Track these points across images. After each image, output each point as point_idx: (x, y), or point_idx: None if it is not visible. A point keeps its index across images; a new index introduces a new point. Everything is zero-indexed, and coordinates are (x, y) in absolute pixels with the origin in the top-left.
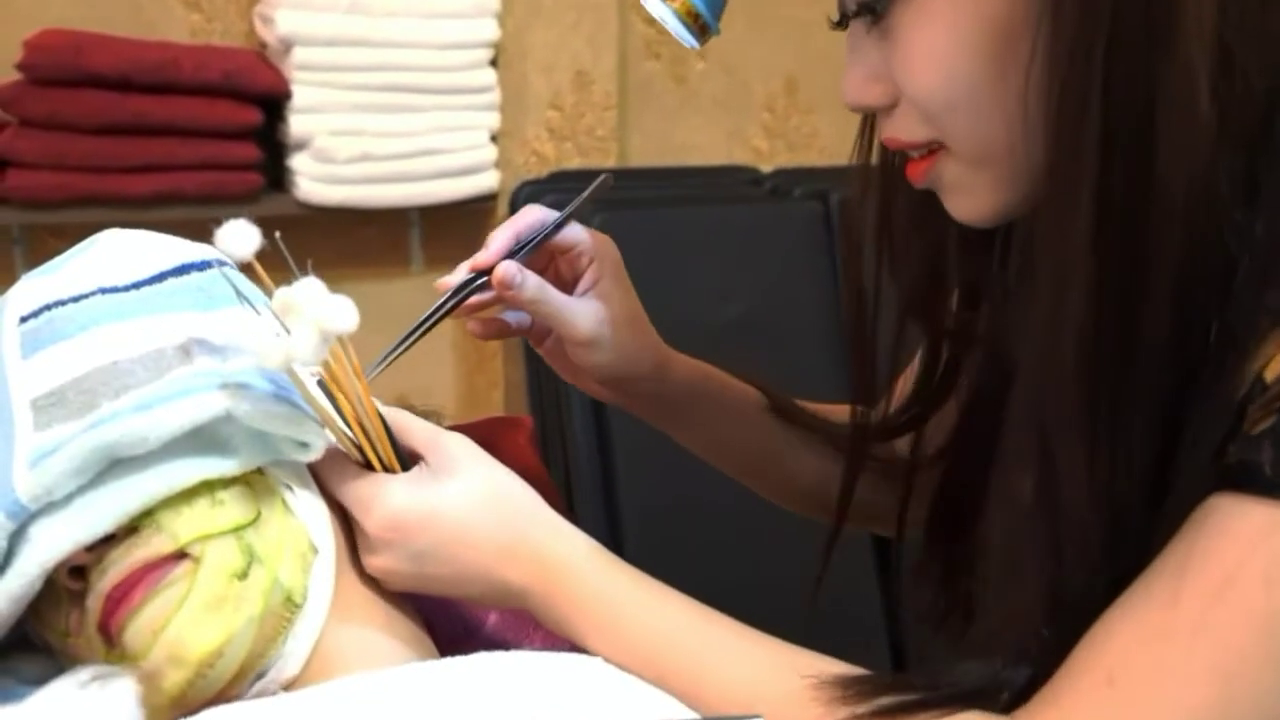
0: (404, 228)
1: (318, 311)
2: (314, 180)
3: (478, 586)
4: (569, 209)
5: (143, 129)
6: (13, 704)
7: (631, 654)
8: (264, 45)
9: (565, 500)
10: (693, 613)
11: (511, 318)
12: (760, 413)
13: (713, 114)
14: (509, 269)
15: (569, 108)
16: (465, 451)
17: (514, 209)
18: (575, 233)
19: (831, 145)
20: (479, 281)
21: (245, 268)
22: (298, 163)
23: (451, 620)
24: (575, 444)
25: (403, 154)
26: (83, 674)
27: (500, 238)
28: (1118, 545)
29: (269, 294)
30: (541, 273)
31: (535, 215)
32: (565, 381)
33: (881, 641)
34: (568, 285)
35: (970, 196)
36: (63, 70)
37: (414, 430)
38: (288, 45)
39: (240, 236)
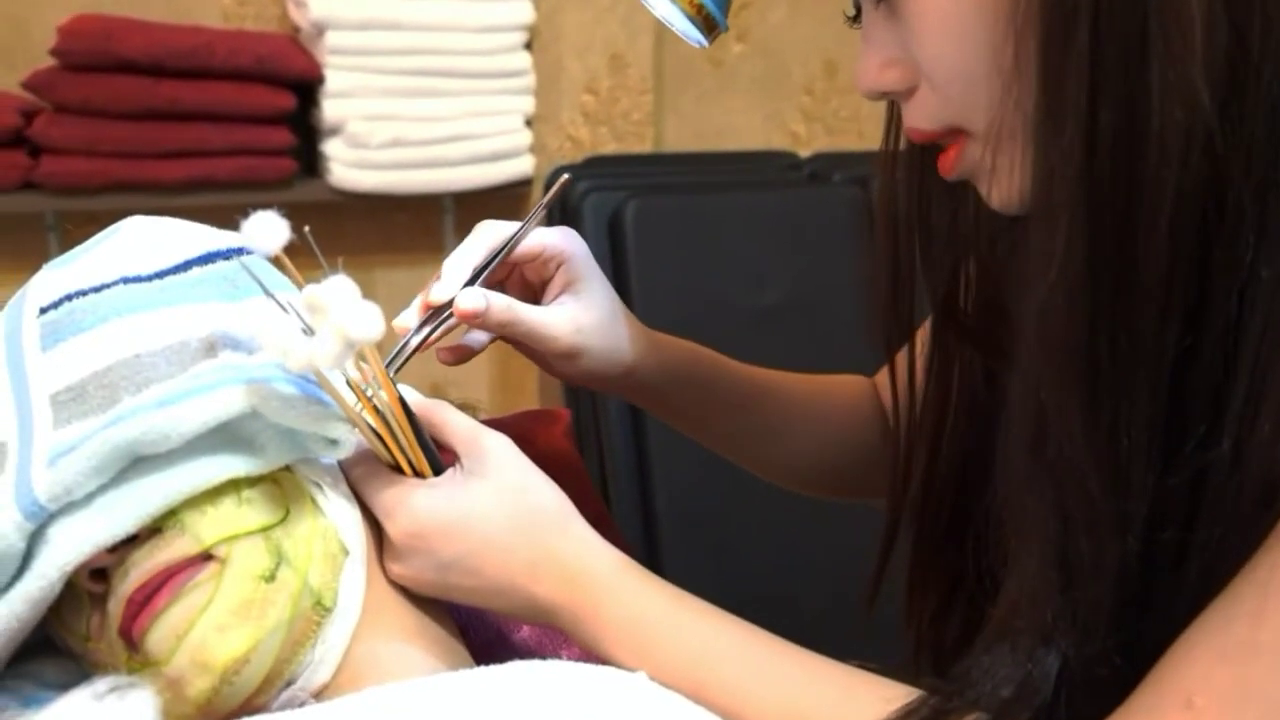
0: (437, 213)
1: (343, 318)
2: (347, 166)
3: (505, 600)
4: (527, 221)
5: (176, 114)
6: (31, 710)
7: (667, 675)
8: (297, 29)
9: (600, 490)
10: (729, 631)
11: (477, 338)
12: (751, 390)
13: (750, 97)
14: (471, 300)
15: (604, 91)
16: (501, 454)
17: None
18: (538, 238)
19: (871, 129)
20: (445, 315)
21: (274, 260)
22: (331, 148)
23: (485, 625)
24: (610, 429)
25: (436, 139)
26: (100, 685)
27: (454, 266)
28: (1124, 507)
29: (299, 287)
30: (504, 283)
31: (491, 232)
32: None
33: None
34: (536, 291)
35: (998, 182)
36: (96, 56)
37: (452, 427)
38: (321, 29)
39: (268, 229)
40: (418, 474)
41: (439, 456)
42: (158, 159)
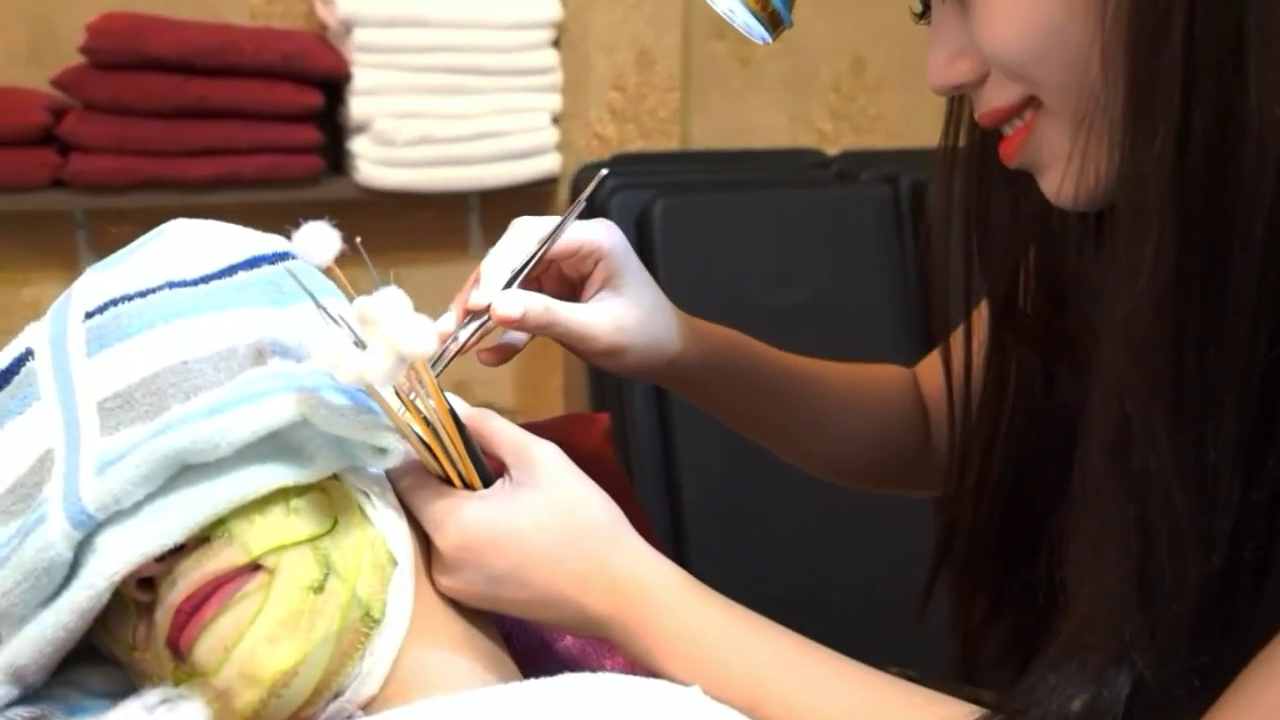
0: (463, 211)
1: (395, 332)
2: (374, 163)
3: (554, 612)
4: (565, 217)
5: (204, 112)
6: (86, 717)
7: (721, 690)
8: (324, 27)
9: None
10: (785, 645)
11: (518, 336)
12: (791, 379)
13: (777, 95)
14: (509, 306)
15: (631, 89)
16: (551, 464)
17: (575, 193)
18: (576, 233)
19: (898, 127)
20: (484, 320)
21: (324, 269)
22: (358, 146)
23: (528, 633)
24: (636, 428)
25: (463, 136)
26: (150, 697)
27: (492, 268)
28: (1208, 523)
29: (349, 299)
30: (541, 279)
31: (528, 231)
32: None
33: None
34: (574, 286)
35: (1067, 168)
36: (124, 54)
37: (500, 437)
38: (348, 26)
39: (319, 239)
40: (466, 485)
41: (488, 467)
42: (186, 157)
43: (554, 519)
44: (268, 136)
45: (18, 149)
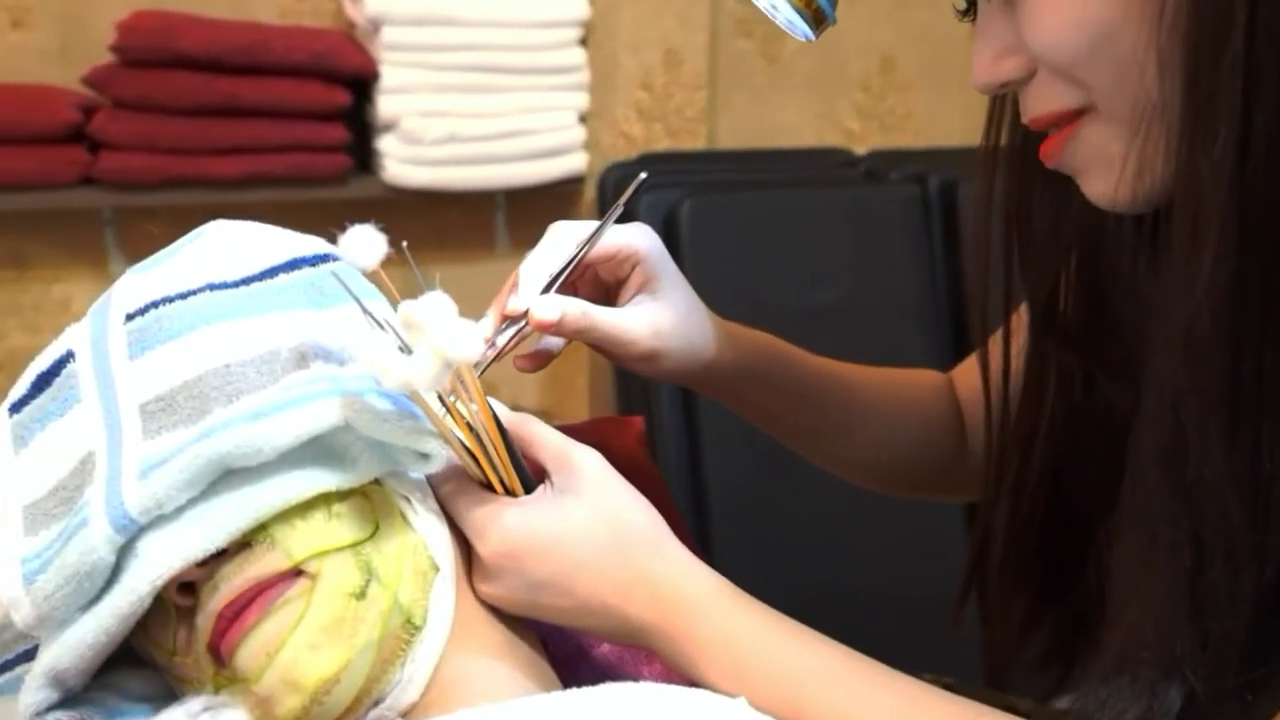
0: (489, 210)
1: (442, 338)
2: (401, 162)
3: (596, 620)
4: (603, 222)
5: (232, 110)
6: None
7: (764, 699)
8: (352, 25)
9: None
10: (827, 655)
11: (554, 340)
12: (825, 383)
13: (804, 94)
14: (547, 310)
15: (659, 88)
16: (593, 471)
17: (601, 192)
18: (614, 238)
19: (926, 127)
20: (522, 326)
21: (369, 273)
22: (385, 144)
23: (565, 639)
24: (663, 430)
25: (490, 135)
26: (193, 704)
27: (530, 273)
28: (1263, 536)
29: (393, 303)
30: (576, 285)
31: (566, 235)
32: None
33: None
34: (610, 290)
35: (1112, 168)
36: (154, 52)
37: (543, 443)
38: (377, 25)
39: (364, 243)
40: (508, 491)
41: (529, 474)
42: (214, 155)
43: (596, 526)
44: (296, 135)
45: (48, 146)
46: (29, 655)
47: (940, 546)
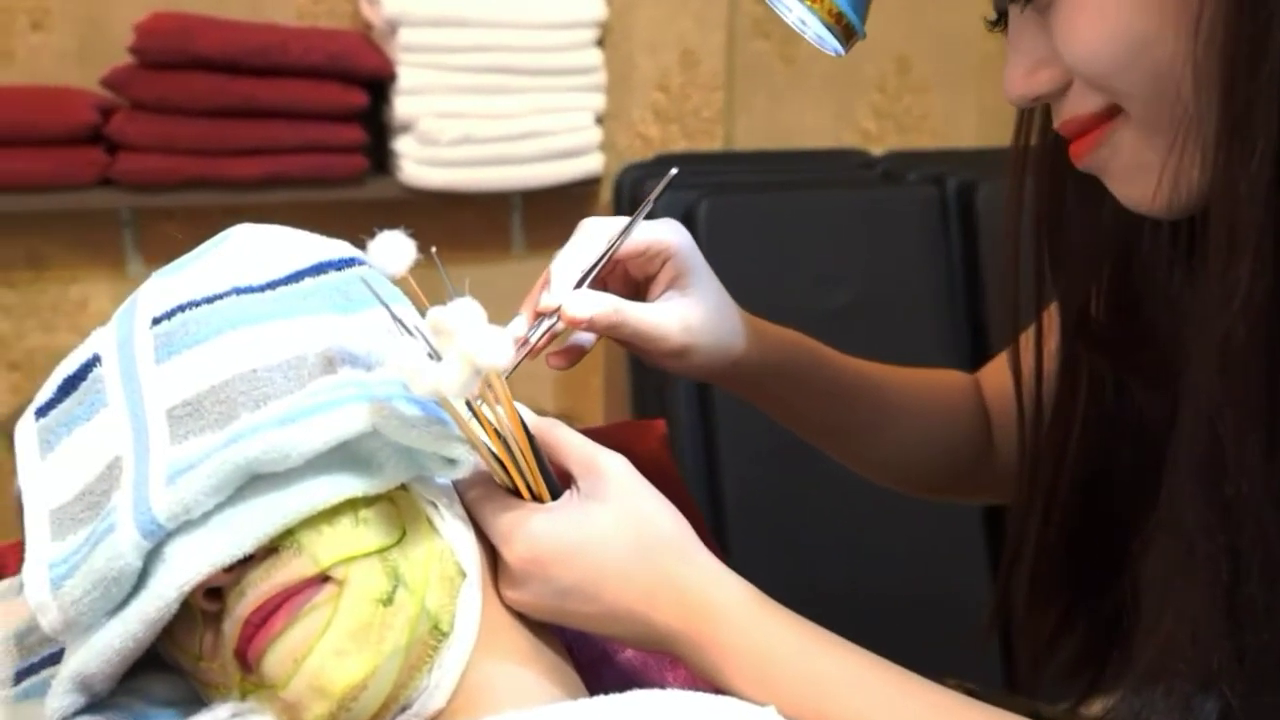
0: (505, 211)
1: (471, 345)
2: (418, 163)
3: (622, 627)
4: (634, 218)
5: (250, 112)
6: None
7: (791, 707)
8: (369, 26)
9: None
10: (855, 663)
11: (586, 337)
12: (851, 382)
13: (821, 95)
14: (579, 307)
15: (675, 89)
16: (620, 477)
17: (618, 193)
18: (644, 234)
19: (942, 128)
20: (554, 322)
21: (398, 280)
22: (402, 145)
23: (589, 644)
24: (678, 429)
25: (507, 136)
26: (221, 711)
27: (562, 269)
28: None
29: (421, 310)
30: (606, 281)
31: (597, 232)
32: (658, 367)
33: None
34: (640, 287)
35: (1145, 175)
36: (172, 54)
37: (569, 448)
38: (394, 26)
39: (394, 250)
40: (535, 497)
41: (555, 479)
42: (232, 156)
43: (623, 533)
44: (313, 136)
45: (67, 148)
46: (54, 659)
47: (958, 548)
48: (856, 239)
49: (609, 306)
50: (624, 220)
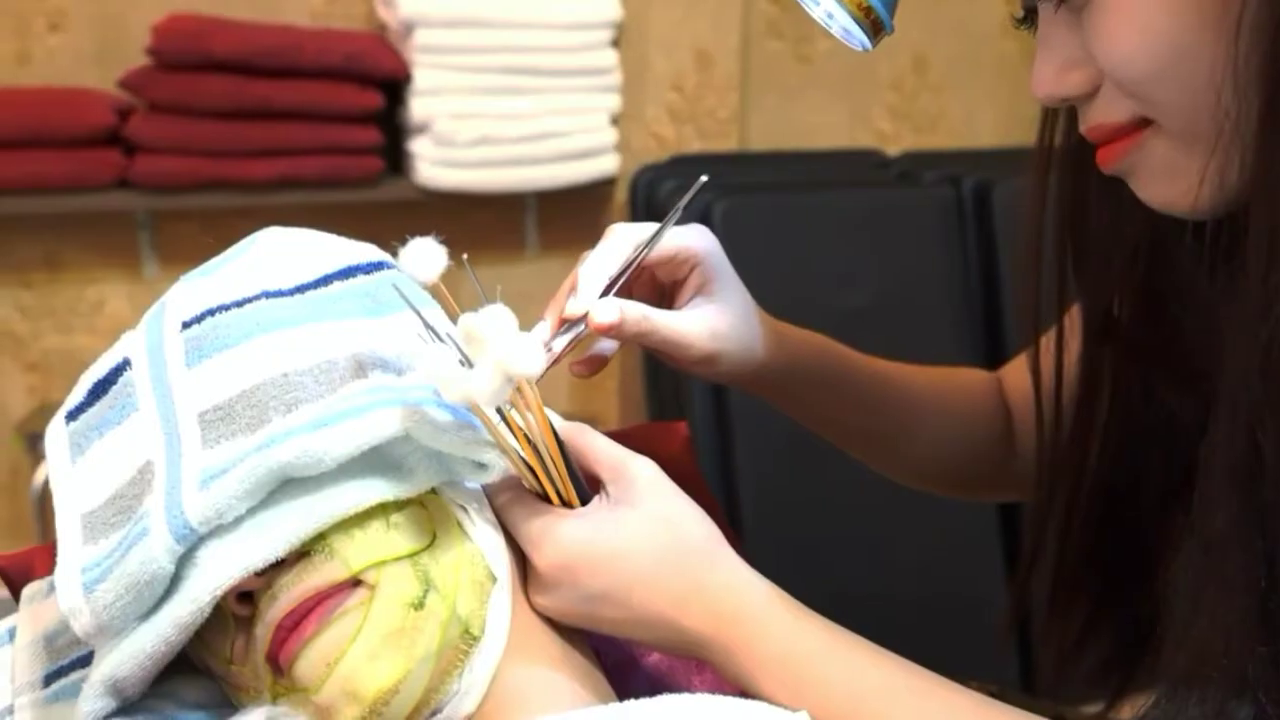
0: (519, 212)
1: (502, 352)
2: (433, 164)
3: (652, 632)
4: (662, 225)
5: (266, 113)
6: None
7: (822, 711)
8: (384, 27)
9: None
10: (885, 668)
11: (608, 344)
12: (877, 385)
13: (836, 94)
14: (607, 314)
15: (690, 89)
16: (649, 482)
17: (633, 194)
18: (673, 240)
19: (959, 127)
20: (580, 329)
21: (429, 287)
22: (418, 146)
23: (616, 648)
24: (695, 432)
25: (522, 137)
26: (255, 714)
27: (589, 276)
28: None
29: (453, 317)
30: (631, 286)
31: (625, 238)
32: (683, 371)
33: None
34: (666, 293)
35: (1176, 179)
36: (189, 55)
37: (598, 453)
38: (409, 27)
39: (425, 256)
40: (564, 503)
41: (585, 485)
42: (247, 157)
43: (652, 538)
44: (329, 137)
45: (86, 149)
46: (84, 661)
47: (975, 548)
48: (872, 239)
49: (637, 314)
50: (652, 226)
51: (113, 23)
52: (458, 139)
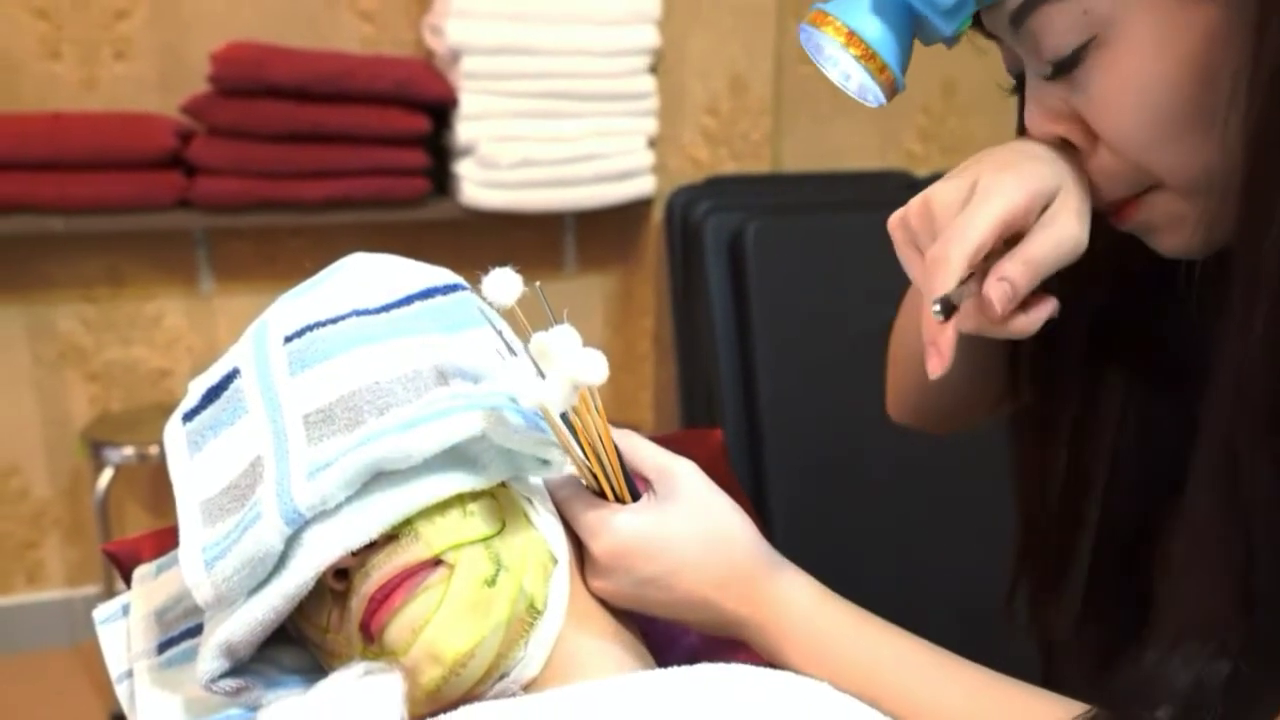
0: (559, 231)
1: (571, 364)
2: (478, 185)
3: (695, 613)
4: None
5: (318, 137)
6: (283, 690)
7: (844, 683)
8: (431, 54)
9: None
10: (910, 648)
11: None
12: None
13: (866, 117)
14: (1001, 291)
15: (725, 113)
16: (691, 480)
17: (669, 214)
18: (1023, 187)
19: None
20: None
21: (506, 311)
22: (463, 168)
23: (658, 630)
24: (726, 440)
25: (563, 159)
26: (357, 668)
27: (959, 253)
28: None
29: (525, 338)
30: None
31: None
32: (716, 386)
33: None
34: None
35: (1183, 230)
36: (246, 81)
37: (645, 455)
38: (457, 55)
39: (504, 284)
40: (618, 498)
41: (634, 483)
42: (301, 179)
43: (696, 529)
44: (378, 159)
45: (149, 171)
46: (191, 633)
47: (1006, 557)
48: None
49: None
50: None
51: (175, 51)
52: (501, 161)
